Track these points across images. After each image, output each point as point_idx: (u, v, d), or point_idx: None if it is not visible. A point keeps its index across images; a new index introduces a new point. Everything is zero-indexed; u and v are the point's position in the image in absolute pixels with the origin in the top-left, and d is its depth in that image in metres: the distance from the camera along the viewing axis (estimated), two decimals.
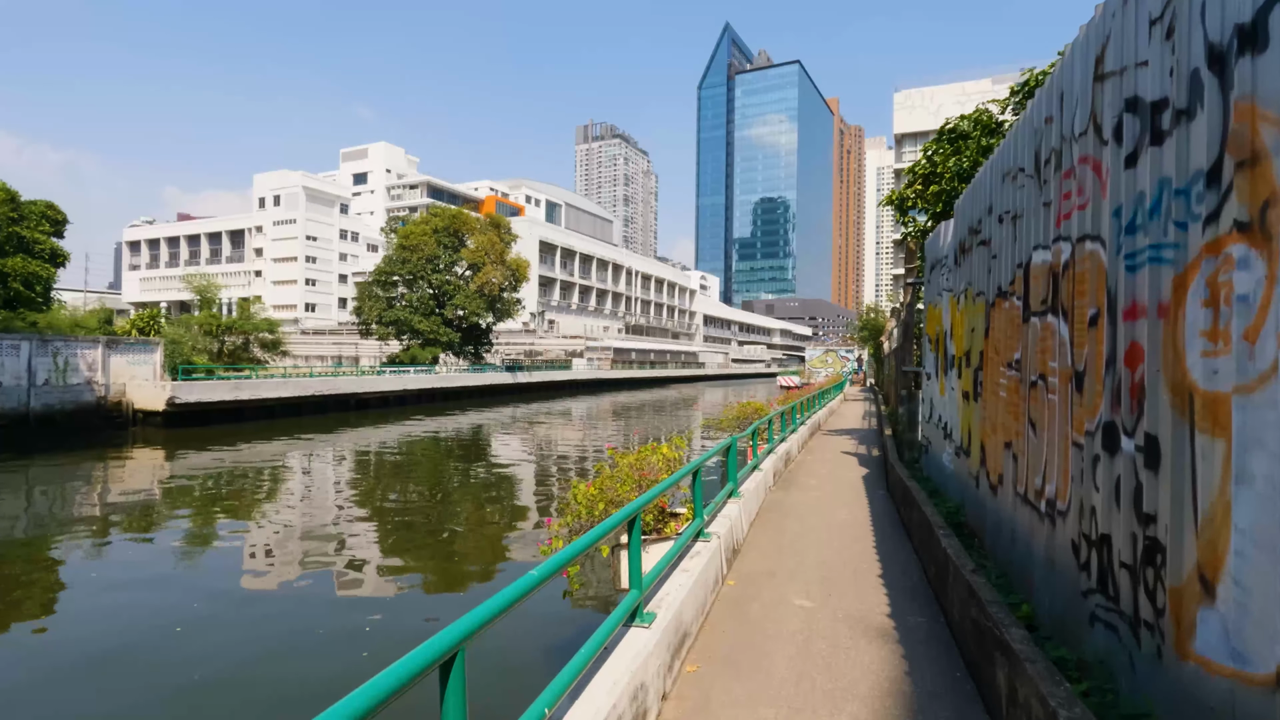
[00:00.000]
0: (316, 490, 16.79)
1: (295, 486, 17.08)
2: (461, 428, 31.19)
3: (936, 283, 9.04)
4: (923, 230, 12.76)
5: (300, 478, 18.36)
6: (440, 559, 10.31)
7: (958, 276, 7.57)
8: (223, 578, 9.58)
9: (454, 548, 11.00)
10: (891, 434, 12.01)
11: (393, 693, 1.50)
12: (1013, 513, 4.82)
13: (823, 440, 15.60)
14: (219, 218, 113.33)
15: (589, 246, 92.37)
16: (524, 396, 53.98)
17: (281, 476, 18.26)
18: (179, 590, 8.92)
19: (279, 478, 18.12)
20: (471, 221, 49.84)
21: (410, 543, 11.25)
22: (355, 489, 16.97)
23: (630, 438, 23.62)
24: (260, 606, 8.45)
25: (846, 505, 8.28)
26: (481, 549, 11.02)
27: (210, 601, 8.45)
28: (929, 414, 9.40)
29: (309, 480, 18.11)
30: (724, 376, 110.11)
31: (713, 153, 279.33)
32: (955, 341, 7.57)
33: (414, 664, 1.61)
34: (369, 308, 47.64)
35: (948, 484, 7.72)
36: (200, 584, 9.31)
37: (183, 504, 14.78)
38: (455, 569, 9.91)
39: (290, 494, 16.11)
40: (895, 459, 9.33)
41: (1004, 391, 5.24)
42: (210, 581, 9.42)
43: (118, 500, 15.33)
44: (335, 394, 34.54)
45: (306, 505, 14.90)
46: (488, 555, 10.69)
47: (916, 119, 60.24)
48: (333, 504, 14.94)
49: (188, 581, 9.44)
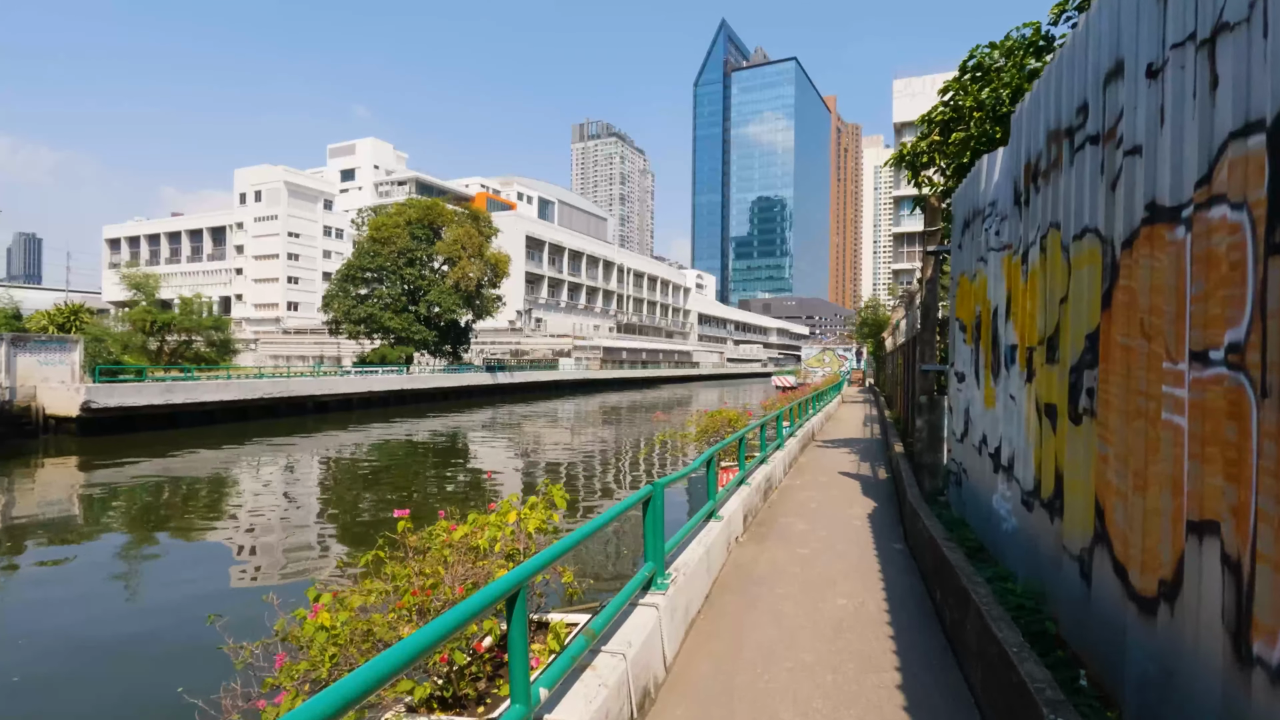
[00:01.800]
0: (236, 506, 13.99)
1: (216, 502, 14.29)
2: (428, 433, 28.39)
3: (976, 244, 6.31)
4: (945, 190, 10.02)
5: (225, 492, 15.56)
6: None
7: (1021, 224, 4.85)
8: (93, 620, 7.09)
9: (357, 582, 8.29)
10: (905, 454, 9.31)
11: None
12: (1229, 683, 2.12)
13: (816, 455, 12.83)
14: (199, 214, 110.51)
15: (579, 242, 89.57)
16: (506, 398, 51.18)
17: (202, 492, 15.46)
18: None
19: (197, 494, 15.33)
20: (447, 213, 47.00)
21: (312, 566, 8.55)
22: (279, 505, 14.18)
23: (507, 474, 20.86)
24: (125, 665, 5.90)
25: (849, 575, 5.51)
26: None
27: (66, 656, 5.94)
28: (962, 429, 6.70)
29: (234, 495, 15.31)
30: (719, 376, 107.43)
31: (709, 151, 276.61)
32: (1019, 323, 4.85)
33: None
34: (337, 304, 44.78)
35: (1003, 544, 5.01)
36: (62, 626, 6.84)
37: (59, 529, 11.97)
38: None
39: (207, 512, 13.31)
40: (915, 497, 6.61)
41: (1175, 412, 2.53)
42: (75, 625, 6.94)
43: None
44: (289, 397, 31.70)
45: (224, 525, 12.16)
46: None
47: (918, 106, 57.48)
48: (247, 523, 12.16)
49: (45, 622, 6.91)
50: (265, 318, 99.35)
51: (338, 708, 1.37)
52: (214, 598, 8.37)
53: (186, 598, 8.36)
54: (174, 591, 8.75)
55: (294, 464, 20.06)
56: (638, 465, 17.67)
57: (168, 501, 14.72)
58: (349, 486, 16.67)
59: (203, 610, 5.42)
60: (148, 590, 8.98)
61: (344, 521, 12.74)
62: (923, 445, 7.97)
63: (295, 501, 14.80)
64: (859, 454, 13.03)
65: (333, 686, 1.43)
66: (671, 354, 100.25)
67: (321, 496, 15.45)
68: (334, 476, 18.20)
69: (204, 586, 8.87)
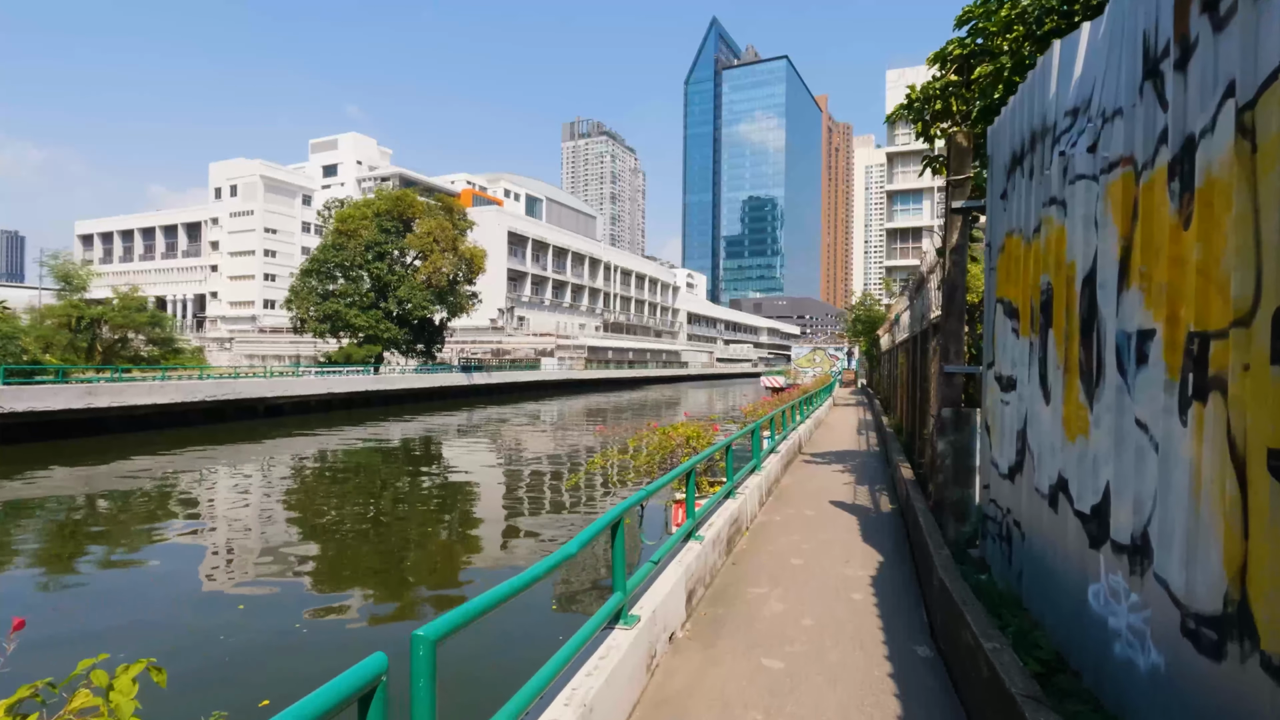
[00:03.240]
0: (145, 525, 11.60)
1: (122, 521, 11.89)
2: (390, 439, 26.01)
3: (1039, 184, 4.11)
4: (974, 135, 7.81)
5: (135, 510, 13.15)
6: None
7: (1169, 110, 2.65)
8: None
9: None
10: (917, 482, 7.12)
11: None
12: None
13: (803, 475, 10.60)
14: (174, 209, 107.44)
15: (564, 239, 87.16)
16: (484, 400, 48.76)
17: (105, 512, 13.04)
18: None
19: (97, 512, 12.91)
20: (419, 205, 44.51)
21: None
22: (192, 521, 11.80)
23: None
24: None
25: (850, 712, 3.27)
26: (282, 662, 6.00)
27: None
28: (1012, 461, 4.52)
29: (148, 511, 12.91)
30: (708, 376, 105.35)
31: (700, 149, 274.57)
32: (1159, 291, 2.65)
33: None
34: (300, 301, 42.22)
35: (1128, 685, 2.80)
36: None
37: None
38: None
39: (109, 534, 10.92)
40: (944, 564, 4.40)
41: None
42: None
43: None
44: (236, 399, 29.21)
45: (127, 545, 9.80)
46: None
47: None
48: (151, 545, 9.79)
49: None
50: (241, 316, 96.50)
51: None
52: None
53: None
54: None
55: (221, 475, 17.67)
56: (540, 510, 15.16)
57: (46, 528, 12.32)
58: (281, 501, 14.32)
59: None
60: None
61: (245, 550, 10.41)
62: (945, 477, 5.76)
63: (205, 520, 12.44)
64: (855, 472, 10.82)
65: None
66: (659, 354, 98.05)
67: (234, 518, 13.09)
68: (266, 490, 15.82)
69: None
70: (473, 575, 9.21)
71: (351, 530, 11.85)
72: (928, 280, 7.46)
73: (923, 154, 8.64)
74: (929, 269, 7.55)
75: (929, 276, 7.31)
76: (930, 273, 7.41)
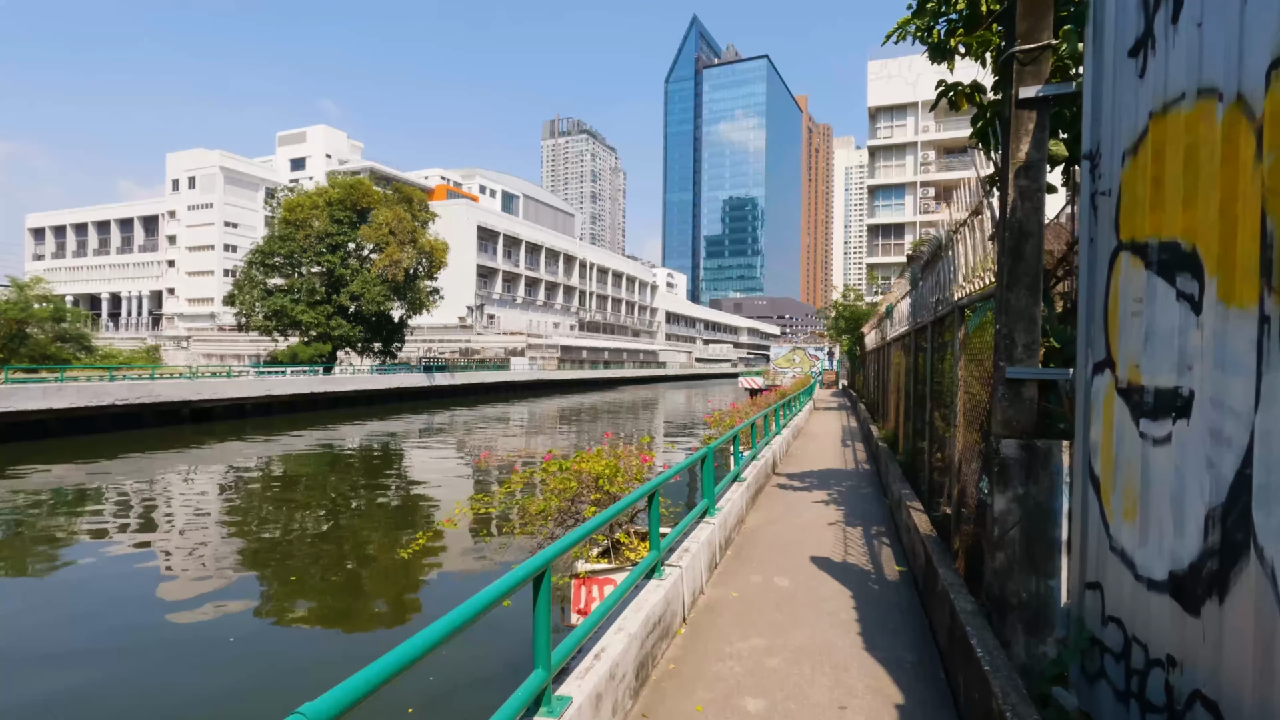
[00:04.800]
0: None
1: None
2: (329, 445, 23.25)
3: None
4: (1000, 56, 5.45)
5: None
6: None
7: None
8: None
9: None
10: (940, 543, 4.76)
11: None
12: None
13: (776, 509, 8.20)
14: (129, 202, 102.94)
15: (537, 235, 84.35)
16: (447, 402, 45.91)
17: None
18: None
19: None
20: (374, 194, 41.54)
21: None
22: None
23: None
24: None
25: None
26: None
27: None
28: (1196, 554, 2.19)
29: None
30: (686, 377, 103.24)
31: (680, 148, 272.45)
32: None
33: None
34: (244, 295, 39.11)
35: None
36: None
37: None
38: None
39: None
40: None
41: None
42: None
43: None
44: (155, 403, 26.22)
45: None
46: None
47: (894, 90, 54.07)
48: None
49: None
50: (200, 314, 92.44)
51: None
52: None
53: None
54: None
55: (105, 490, 14.85)
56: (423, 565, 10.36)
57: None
58: (166, 519, 11.62)
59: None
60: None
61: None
62: (1009, 558, 3.40)
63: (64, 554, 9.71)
64: (842, 504, 8.44)
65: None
66: (636, 354, 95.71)
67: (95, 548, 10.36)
68: (148, 511, 13.08)
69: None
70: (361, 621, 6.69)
71: (223, 555, 9.22)
72: (955, 238, 5.09)
73: (938, 84, 6.26)
74: (955, 226, 5.18)
75: (961, 230, 4.93)
76: (959, 230, 5.04)
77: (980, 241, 4.64)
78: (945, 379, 6.05)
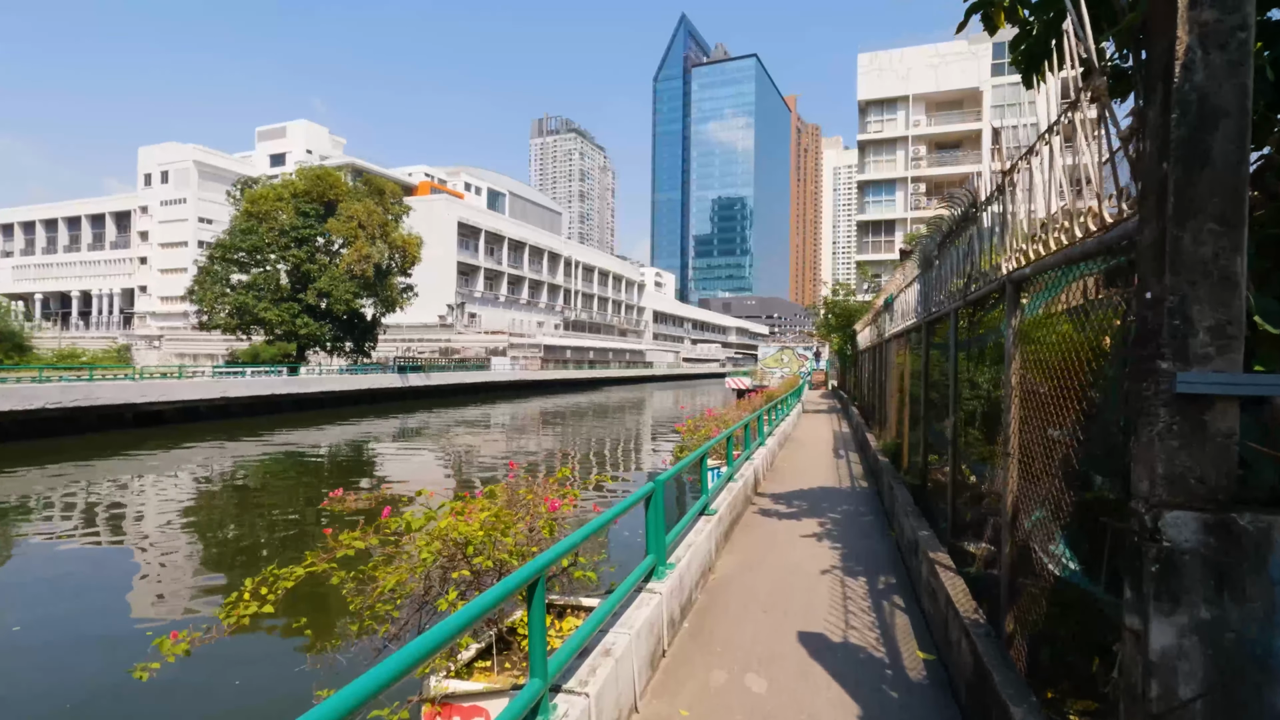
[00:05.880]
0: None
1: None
2: (286, 451, 21.38)
3: None
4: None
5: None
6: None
7: None
8: None
9: None
10: (992, 636, 3.14)
11: None
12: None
13: (756, 548, 6.53)
14: (101, 198, 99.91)
15: (520, 232, 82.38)
16: (424, 403, 43.97)
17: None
18: None
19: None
20: (343, 186, 39.55)
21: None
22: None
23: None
24: None
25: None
26: None
27: None
28: None
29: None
30: (673, 377, 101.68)
31: (669, 147, 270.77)
32: None
33: None
34: (204, 292, 37.03)
35: None
36: None
37: None
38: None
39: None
40: None
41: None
42: None
43: None
44: (95, 406, 24.22)
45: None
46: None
47: (885, 83, 52.72)
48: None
49: None
50: (173, 312, 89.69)
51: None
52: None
53: None
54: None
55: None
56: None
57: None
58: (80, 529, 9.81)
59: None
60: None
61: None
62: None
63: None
64: (840, 541, 6.79)
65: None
66: (623, 353, 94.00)
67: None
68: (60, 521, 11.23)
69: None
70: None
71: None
72: (1010, 180, 3.44)
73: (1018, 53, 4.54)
74: (1013, 161, 3.53)
75: (1021, 166, 3.26)
76: (1017, 166, 3.39)
77: (1051, 184, 3.00)
78: (980, 383, 4.43)
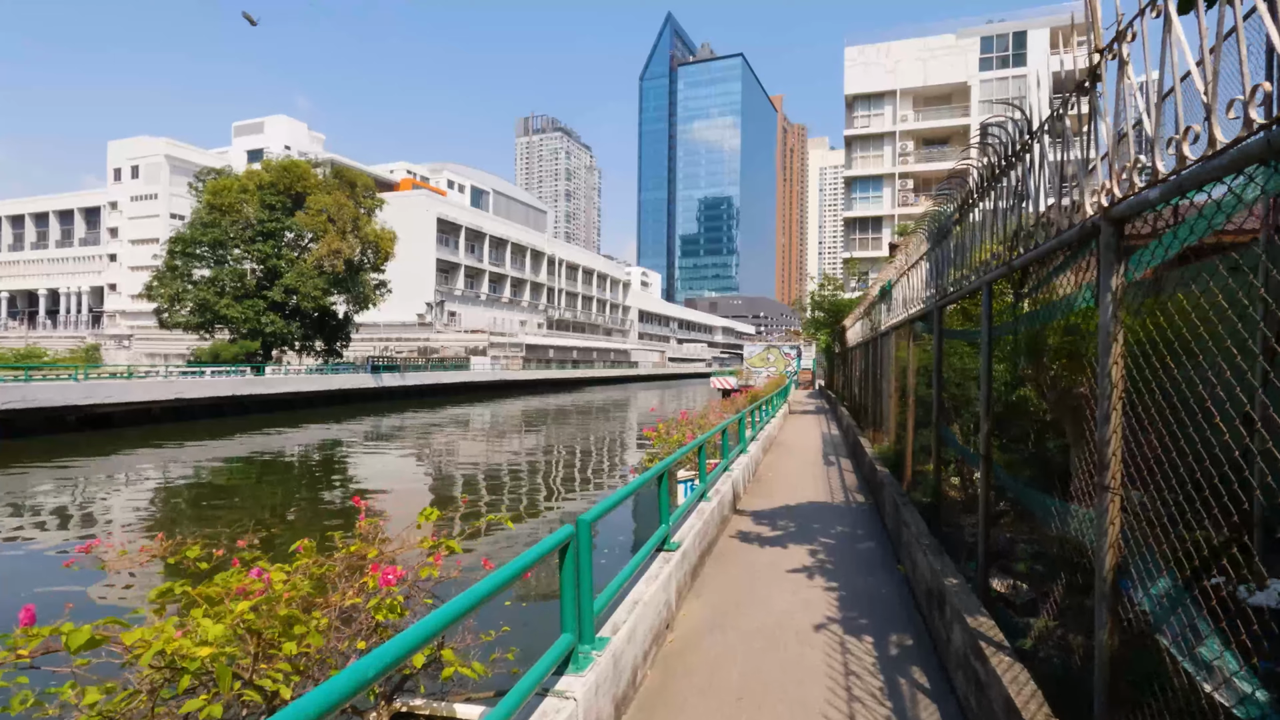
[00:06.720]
0: None
1: None
2: (225, 456, 19.84)
3: None
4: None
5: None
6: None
7: None
8: None
9: None
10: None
11: None
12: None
13: (732, 589, 5.24)
14: (69, 193, 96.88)
15: (502, 229, 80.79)
16: (400, 405, 42.35)
17: None
18: None
19: None
20: (311, 177, 37.88)
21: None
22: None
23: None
24: None
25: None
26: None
27: None
28: None
29: None
30: (658, 377, 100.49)
31: (655, 146, 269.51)
32: None
33: None
34: (163, 289, 35.22)
35: None
36: None
37: None
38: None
39: None
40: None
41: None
42: None
43: None
44: (35, 408, 22.52)
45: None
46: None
47: (872, 77, 51.74)
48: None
49: None
50: (143, 310, 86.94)
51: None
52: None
53: None
54: None
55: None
56: None
57: None
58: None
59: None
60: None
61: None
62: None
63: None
64: (837, 580, 5.53)
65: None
66: (607, 353, 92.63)
67: None
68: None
69: None
70: None
71: None
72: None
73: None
74: (1096, 62, 2.29)
75: (1135, 29, 2.01)
76: (1102, 61, 2.15)
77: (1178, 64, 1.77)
78: (1054, 373, 3.19)
